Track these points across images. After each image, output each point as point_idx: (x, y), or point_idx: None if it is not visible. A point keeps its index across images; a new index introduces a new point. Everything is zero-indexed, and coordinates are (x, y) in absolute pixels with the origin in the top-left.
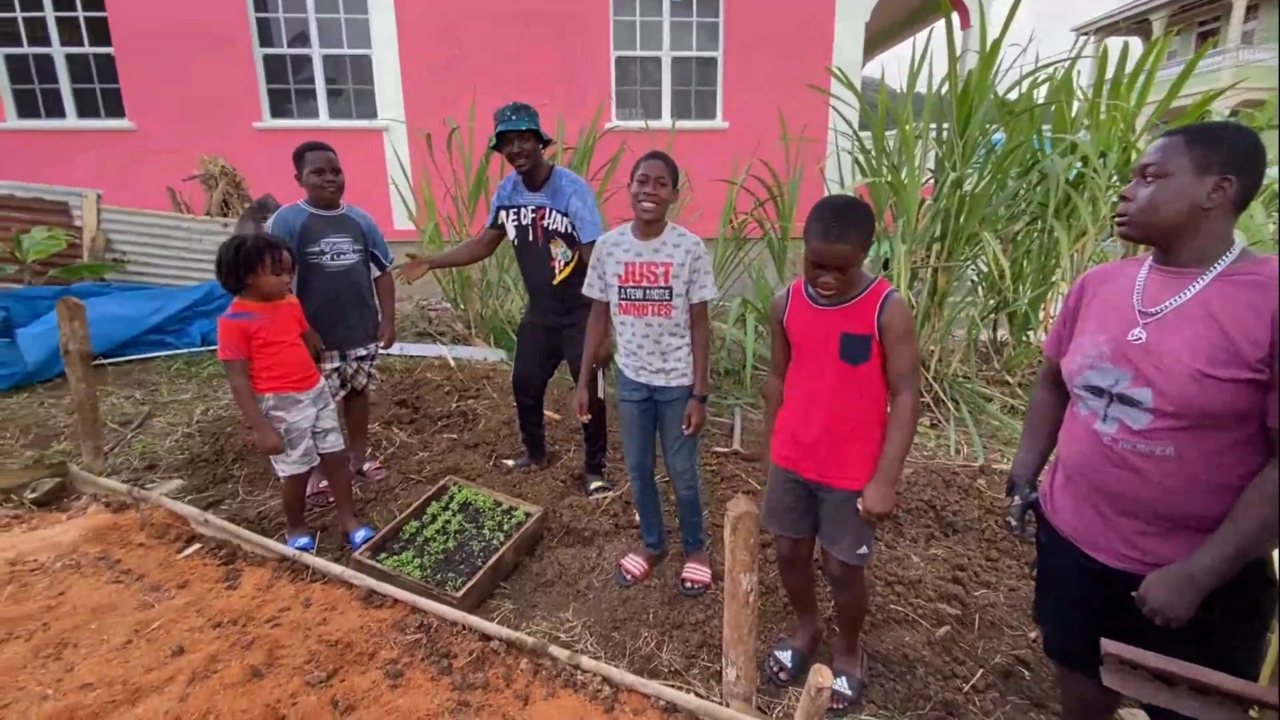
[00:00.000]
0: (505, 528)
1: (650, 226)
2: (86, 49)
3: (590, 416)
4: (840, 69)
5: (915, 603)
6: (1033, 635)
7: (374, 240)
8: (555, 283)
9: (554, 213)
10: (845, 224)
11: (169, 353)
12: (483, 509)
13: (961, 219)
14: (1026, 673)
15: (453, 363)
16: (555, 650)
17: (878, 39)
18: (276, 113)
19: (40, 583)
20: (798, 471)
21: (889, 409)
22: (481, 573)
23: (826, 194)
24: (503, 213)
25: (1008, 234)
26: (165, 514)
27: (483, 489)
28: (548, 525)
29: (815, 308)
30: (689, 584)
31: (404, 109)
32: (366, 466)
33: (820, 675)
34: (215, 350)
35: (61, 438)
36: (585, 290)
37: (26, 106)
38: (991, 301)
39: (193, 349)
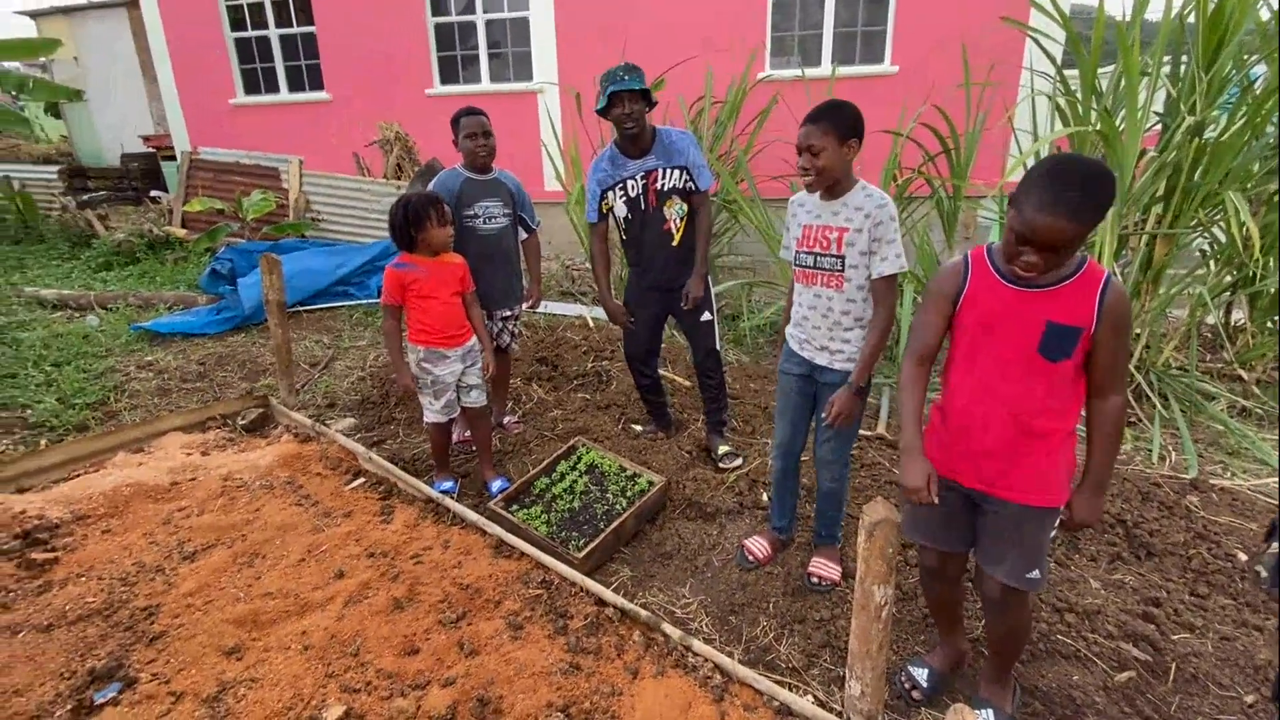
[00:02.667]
0: (628, 494)
1: (832, 189)
2: (295, 29)
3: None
4: None
5: (1090, 637)
6: (1249, 700)
7: (521, 203)
8: (674, 244)
9: (669, 170)
10: (1080, 195)
11: (351, 303)
12: (608, 473)
13: (1197, 174)
14: None
15: (591, 323)
16: (668, 628)
17: None
18: (445, 79)
19: (243, 498)
20: (956, 479)
21: (1090, 411)
22: (603, 536)
23: (1014, 145)
24: (609, 195)
25: (1260, 194)
26: (339, 449)
27: (609, 453)
28: (670, 496)
29: (1009, 286)
30: (816, 579)
31: (558, 70)
32: (506, 420)
33: (963, 717)
34: None
35: (267, 373)
36: (782, 254)
37: (250, 84)
38: (1228, 277)
39: (371, 300)
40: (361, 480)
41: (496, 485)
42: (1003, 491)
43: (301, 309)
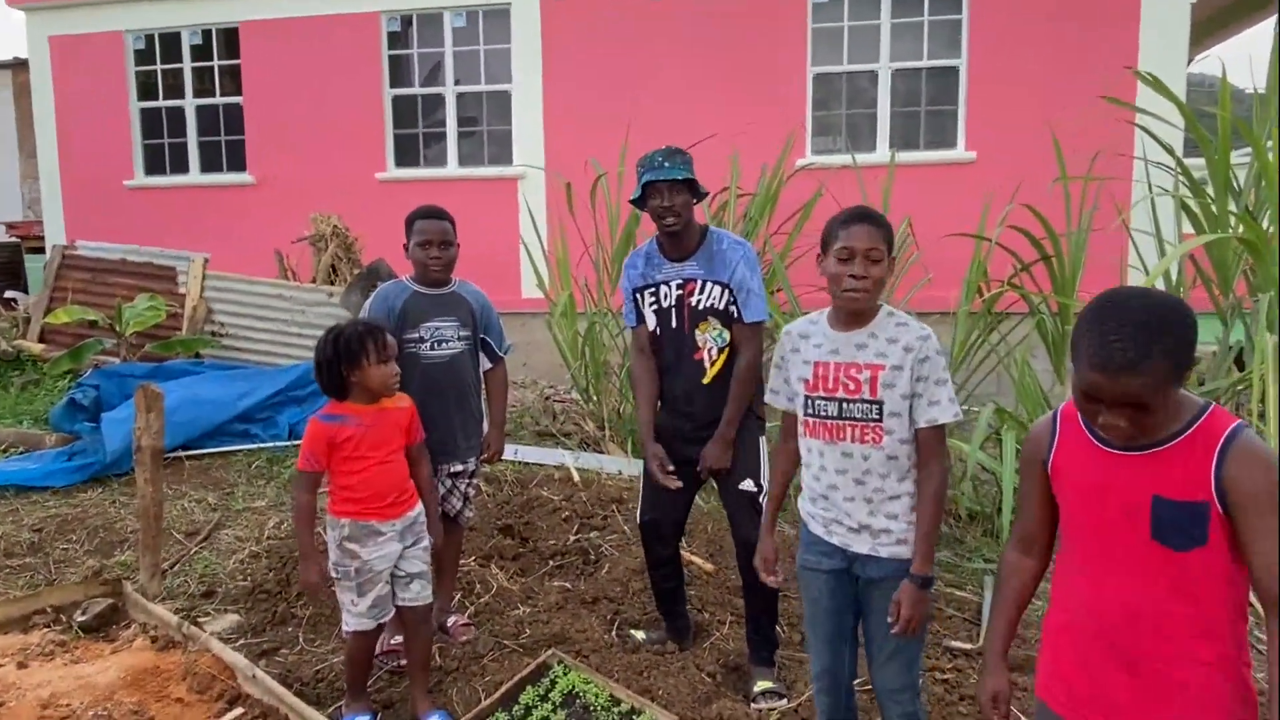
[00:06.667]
0: None
1: (856, 317)
2: (217, 99)
3: (780, 578)
4: (1150, 73)
5: None
6: None
7: (486, 324)
8: (706, 381)
9: (709, 285)
10: (1140, 342)
11: (252, 446)
12: (594, 706)
13: None
14: None
15: (577, 476)
16: None
17: (1210, 26)
18: (401, 161)
19: None
20: None
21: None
22: None
23: (1133, 253)
24: (639, 299)
25: None
26: (212, 661)
27: (597, 675)
28: None
29: (1104, 449)
30: None
31: (544, 153)
32: (450, 621)
33: None
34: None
35: (125, 545)
36: (769, 399)
37: (153, 162)
38: None
39: (278, 443)
40: (240, 711)
41: None
42: None
43: (184, 454)
